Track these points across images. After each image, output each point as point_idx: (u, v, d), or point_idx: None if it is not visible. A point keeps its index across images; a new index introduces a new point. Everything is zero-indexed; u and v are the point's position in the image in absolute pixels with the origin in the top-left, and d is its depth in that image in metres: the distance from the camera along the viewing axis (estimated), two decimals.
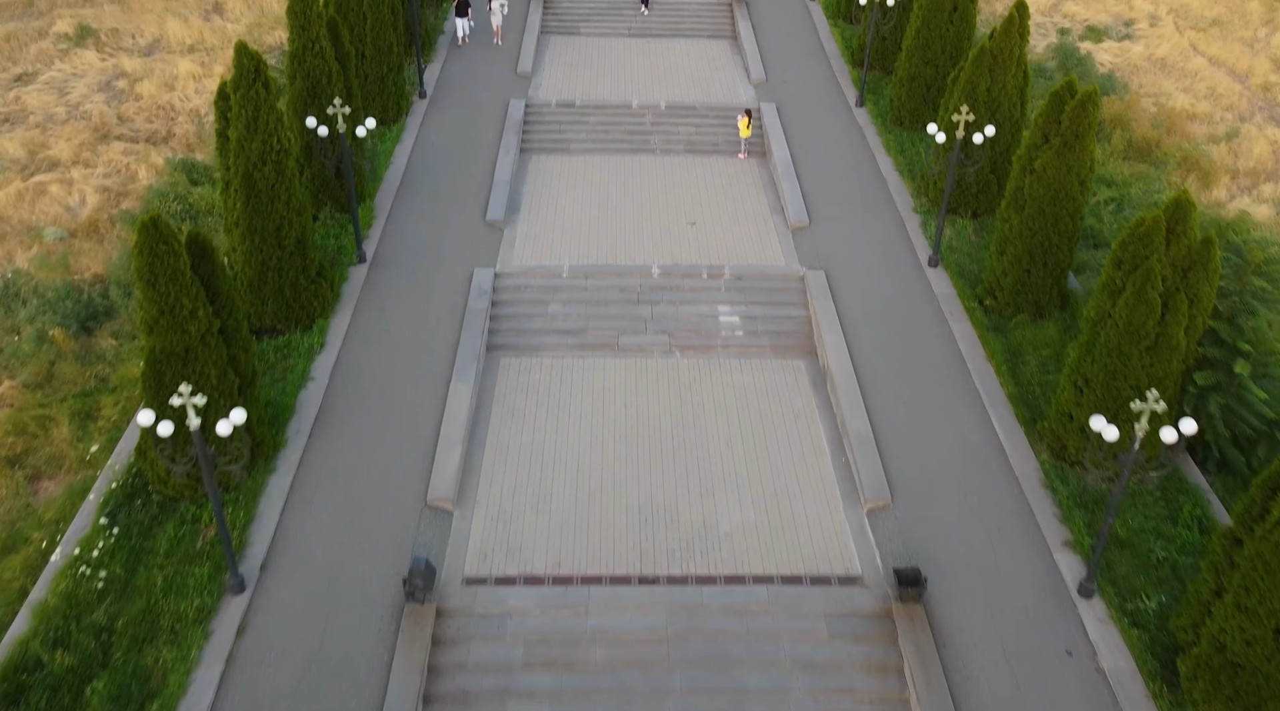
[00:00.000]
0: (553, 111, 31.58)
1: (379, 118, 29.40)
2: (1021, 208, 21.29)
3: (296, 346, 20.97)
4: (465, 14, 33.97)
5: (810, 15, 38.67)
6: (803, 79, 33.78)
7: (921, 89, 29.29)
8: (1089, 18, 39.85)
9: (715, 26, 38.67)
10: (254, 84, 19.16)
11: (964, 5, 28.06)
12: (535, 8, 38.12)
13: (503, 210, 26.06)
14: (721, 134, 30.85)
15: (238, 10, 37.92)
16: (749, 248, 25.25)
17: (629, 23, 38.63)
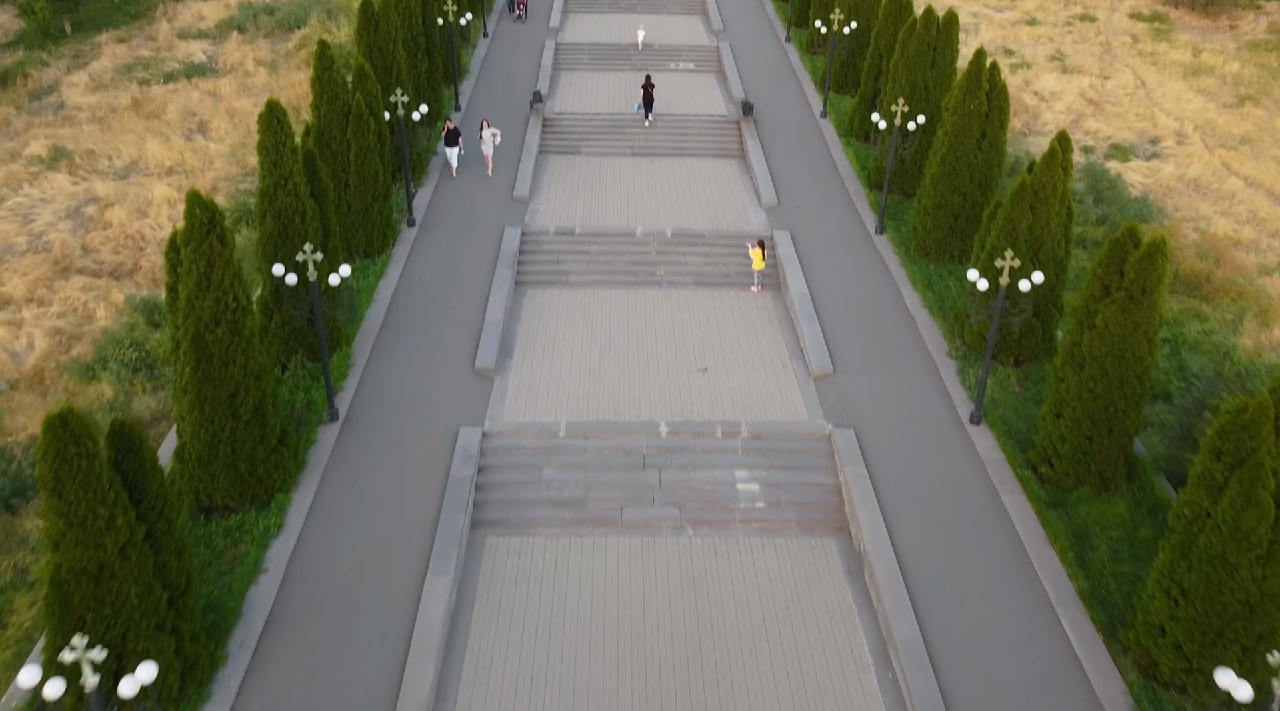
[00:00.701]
0: (551, 240, 29.45)
1: (363, 250, 27.23)
2: (1080, 366, 18.74)
3: (250, 529, 18.15)
4: (455, 143, 31.86)
5: (821, 134, 37.01)
6: (817, 203, 31.78)
7: (948, 218, 27.16)
8: (1112, 135, 38.24)
9: (722, 145, 36.98)
10: (207, 236, 16.82)
11: (992, 132, 26.13)
12: (534, 127, 36.48)
13: (494, 355, 23.56)
14: (732, 264, 28.63)
15: (222, 129, 36.28)
16: (767, 399, 22.64)
17: (632, 141, 36.95)
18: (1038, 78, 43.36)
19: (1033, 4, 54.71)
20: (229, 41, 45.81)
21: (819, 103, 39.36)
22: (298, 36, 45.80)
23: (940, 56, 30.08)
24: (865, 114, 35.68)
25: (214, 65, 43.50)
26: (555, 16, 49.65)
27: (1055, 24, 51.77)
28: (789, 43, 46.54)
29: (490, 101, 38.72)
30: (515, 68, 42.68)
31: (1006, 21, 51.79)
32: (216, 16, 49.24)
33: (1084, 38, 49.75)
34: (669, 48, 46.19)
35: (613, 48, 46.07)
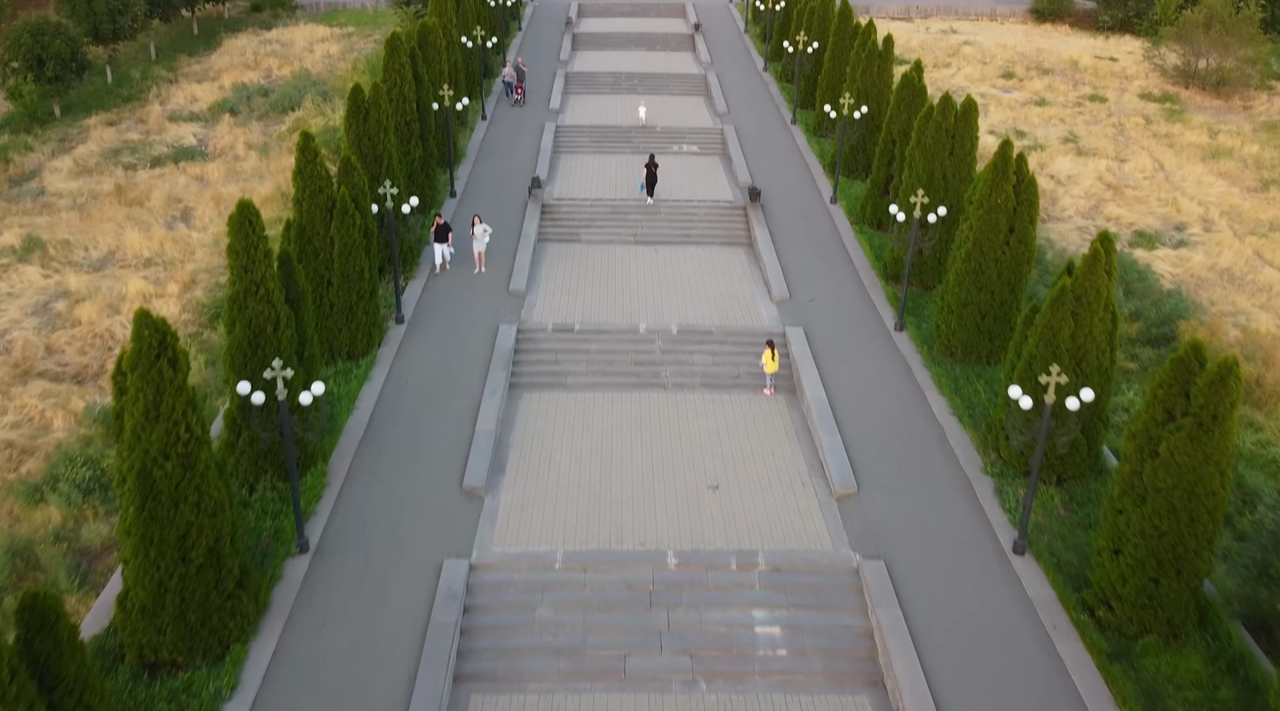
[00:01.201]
0: (548, 337, 27.58)
1: (346, 351, 25.33)
2: (1142, 499, 16.62)
3: (199, 691, 15.82)
4: (445, 239, 30.03)
5: (832, 220, 35.46)
6: (831, 296, 30.00)
7: (975, 317, 25.31)
8: (1135, 221, 36.70)
9: (729, 232, 35.41)
10: (157, 361, 14.89)
11: (1021, 227, 24.43)
12: (532, 214, 34.94)
13: (484, 471, 21.46)
14: (743, 364, 26.69)
15: (206, 217, 34.76)
16: (786, 523, 20.46)
17: (635, 228, 35.39)
18: (1052, 160, 42.07)
19: (1040, 84, 53.91)
20: (220, 124, 44.72)
21: (828, 188, 37.94)
22: (291, 119, 44.72)
23: (959, 144, 28.61)
24: (878, 201, 34.20)
25: (203, 149, 42.28)
26: (556, 98, 48.72)
27: (1065, 104, 50.84)
28: (795, 125, 45.44)
29: (487, 187, 37.31)
30: (514, 151, 41.43)
31: (1015, 102, 50.88)
32: (210, 98, 48.31)
33: (1096, 119, 48.73)
34: (672, 130, 45.06)
35: (614, 130, 44.94)
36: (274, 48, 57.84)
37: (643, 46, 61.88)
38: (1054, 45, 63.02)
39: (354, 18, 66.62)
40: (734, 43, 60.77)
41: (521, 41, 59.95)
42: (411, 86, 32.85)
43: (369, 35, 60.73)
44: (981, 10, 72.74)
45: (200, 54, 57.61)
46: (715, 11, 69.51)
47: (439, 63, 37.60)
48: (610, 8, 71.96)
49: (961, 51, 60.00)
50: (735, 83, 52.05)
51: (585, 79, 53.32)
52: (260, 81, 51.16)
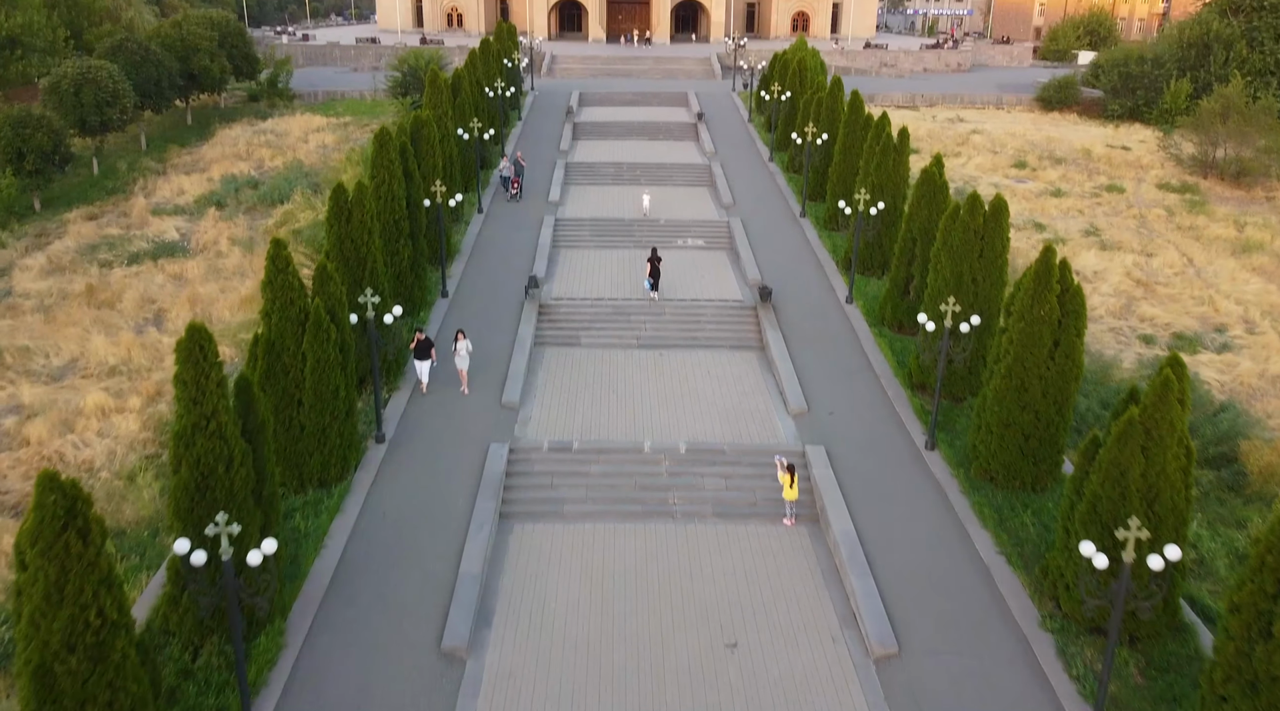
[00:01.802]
0: (544, 458, 24.97)
1: (317, 478, 22.70)
2: (1254, 689, 13.81)
3: None
4: (428, 355, 27.21)
5: (849, 322, 33.20)
6: (853, 408, 27.50)
7: (1017, 440, 22.74)
8: (1171, 321, 34.44)
9: (739, 335, 33.12)
10: (63, 533, 12.29)
11: (1068, 341, 22.05)
12: (529, 317, 32.71)
13: (467, 628, 18.62)
14: (759, 489, 24.00)
15: (180, 320, 32.49)
16: (817, 693, 17.53)
17: (638, 330, 33.12)
18: (1076, 255, 40.08)
19: (1055, 174, 52.43)
20: (205, 218, 42.92)
21: (843, 286, 35.80)
22: (279, 212, 42.95)
23: (989, 246, 26.47)
24: (897, 302, 32.01)
25: (185, 244, 40.34)
26: (555, 189, 47.10)
27: (1082, 195, 49.20)
28: (804, 218, 43.64)
29: (481, 286, 35.17)
30: (511, 246, 39.49)
31: (1030, 193, 49.25)
32: (197, 191, 46.67)
33: (1115, 210, 47.00)
34: (676, 223, 43.25)
35: (616, 223, 43.13)
36: (268, 138, 56.63)
37: (645, 136, 60.79)
38: (1064, 134, 61.93)
39: (352, 107, 65.80)
40: (738, 132, 59.65)
41: (521, 132, 58.83)
42: (401, 183, 30.94)
43: (366, 125, 59.65)
44: (987, 99, 72.11)
45: (192, 144, 56.37)
46: (718, 100, 68.81)
47: (432, 157, 35.89)
48: (611, 97, 71.38)
49: (971, 140, 58.82)
50: (741, 173, 50.56)
51: (586, 169, 51.91)
52: (251, 173, 49.66)
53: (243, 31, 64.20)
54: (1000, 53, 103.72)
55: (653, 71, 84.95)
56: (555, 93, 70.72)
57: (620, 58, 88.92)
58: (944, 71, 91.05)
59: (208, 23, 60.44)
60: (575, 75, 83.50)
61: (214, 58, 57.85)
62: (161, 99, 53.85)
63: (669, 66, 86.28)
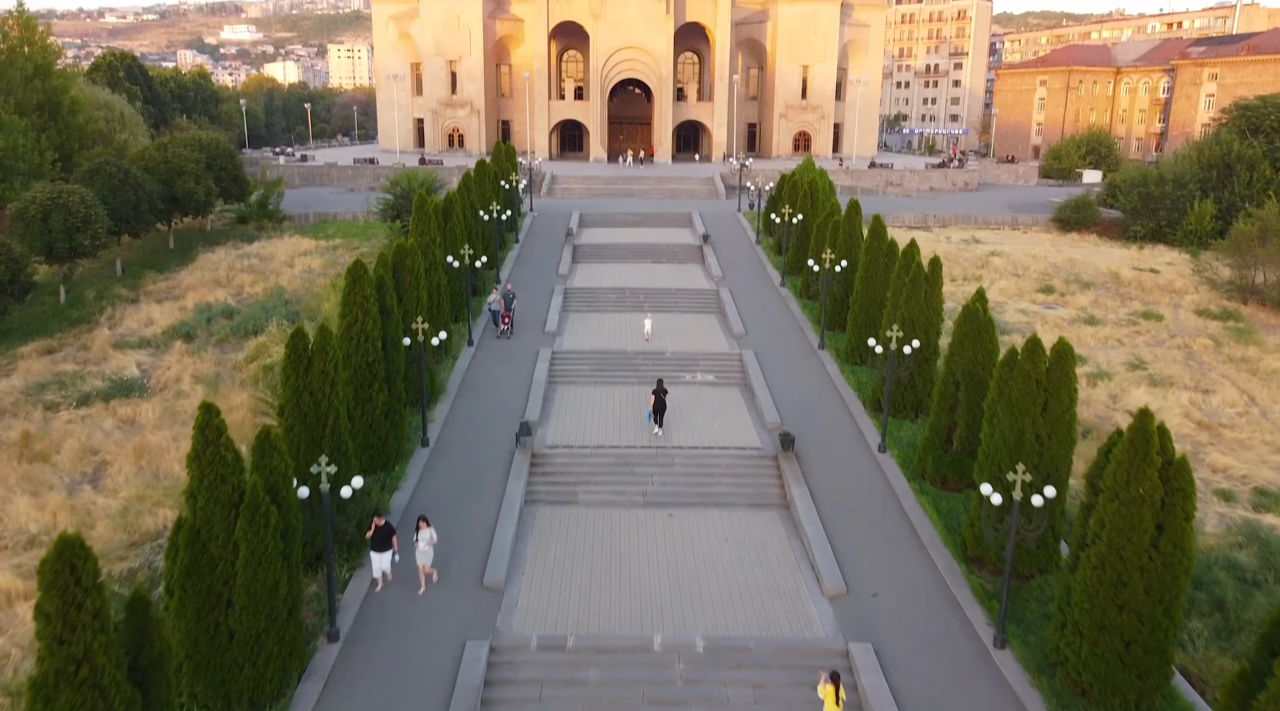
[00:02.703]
0: (531, 660, 20.55)
1: (249, 697, 18.27)
2: None
3: None
4: (388, 546, 22.51)
5: (884, 475, 29.15)
6: (900, 589, 23.19)
7: (1116, 646, 18.43)
8: (1248, 473, 30.42)
9: (759, 490, 29.04)
10: None
11: (1174, 526, 17.98)
12: (519, 472, 28.69)
13: None
14: (796, 701, 19.51)
15: (122, 475, 28.49)
16: None
17: (644, 484, 29.07)
18: (1124, 392, 36.37)
19: (1085, 299, 49.29)
20: (171, 351, 39.39)
21: (873, 431, 31.94)
22: (252, 345, 39.47)
23: (1055, 399, 22.68)
24: (939, 453, 28.08)
25: (145, 382, 36.68)
26: (553, 318, 43.81)
27: (1118, 323, 45.87)
28: (823, 350, 40.12)
29: (467, 434, 31.29)
30: (502, 383, 35.83)
31: (1062, 320, 45.93)
32: (167, 320, 43.36)
33: (1157, 339, 43.56)
34: (684, 355, 39.72)
35: (618, 356, 39.61)
36: (251, 262, 53.83)
37: (648, 258, 58.09)
38: (1086, 256, 59.21)
39: (343, 229, 63.39)
40: (746, 255, 56.93)
41: (518, 255, 56.08)
42: (376, 322, 27.42)
43: (356, 248, 56.98)
44: (1002, 220, 69.92)
45: (171, 269, 53.51)
46: (724, 221, 66.52)
47: (416, 289, 32.58)
48: (613, 217, 69.21)
49: (991, 263, 56.00)
50: (751, 299, 47.42)
51: (586, 295, 48.84)
52: (228, 301, 46.50)
53: (232, 153, 62.36)
54: (1006, 172, 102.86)
55: (655, 191, 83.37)
56: (555, 213, 68.57)
57: (622, 177, 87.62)
58: (951, 191, 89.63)
59: (195, 145, 58.53)
60: (576, 195, 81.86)
61: (199, 180, 55.59)
62: (140, 223, 51.24)
63: (672, 186, 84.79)
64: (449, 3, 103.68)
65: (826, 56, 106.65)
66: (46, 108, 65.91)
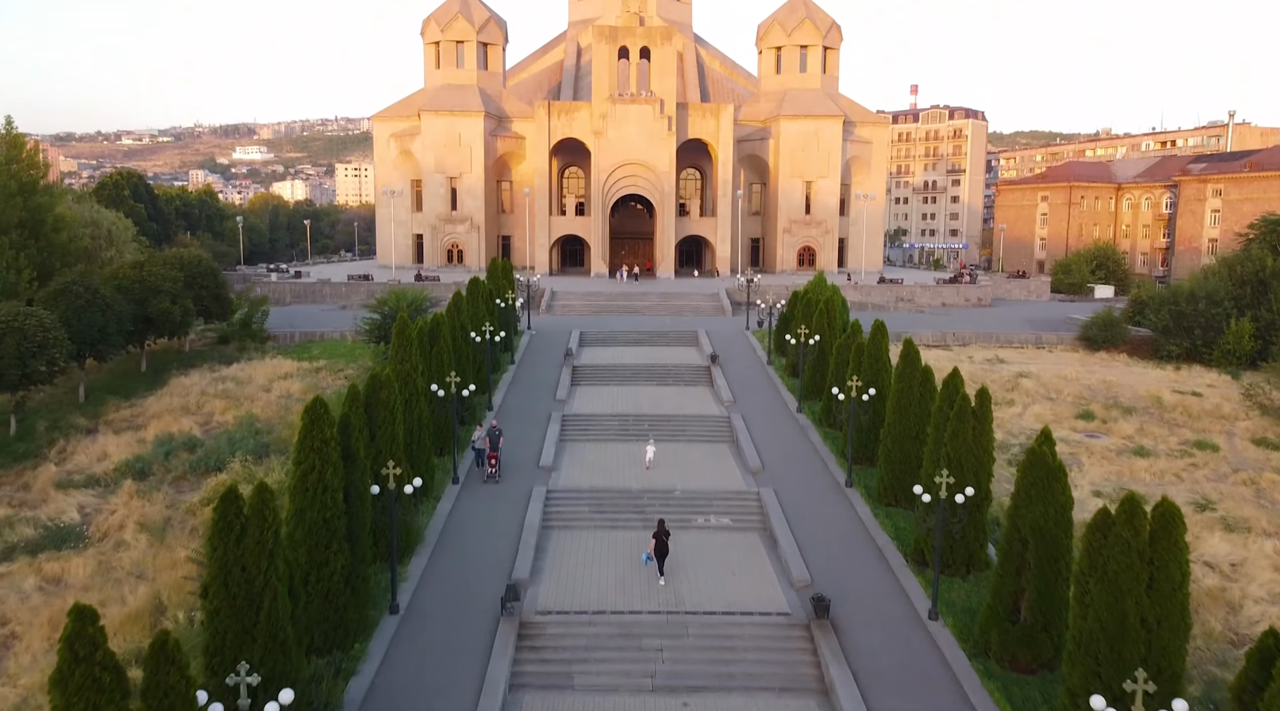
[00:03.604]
0: None
1: None
2: None
3: None
4: None
5: (938, 650, 24.40)
6: None
7: None
8: None
9: (790, 670, 24.33)
10: None
11: None
12: (503, 648, 24.04)
13: None
14: None
15: (31, 654, 23.83)
16: None
17: (652, 662, 24.43)
18: (1199, 539, 31.85)
19: (1130, 427, 45.20)
20: (120, 492, 35.10)
21: (919, 592, 27.35)
22: (211, 484, 35.21)
23: (1163, 575, 18.36)
24: (1005, 626, 23.47)
25: (84, 529, 32.29)
26: (549, 450, 39.69)
27: (1170, 454, 41.66)
28: (851, 488, 35.79)
29: (444, 598, 26.69)
30: (489, 530, 31.42)
31: (1109, 451, 41.72)
32: (122, 454, 39.19)
33: (1217, 473, 39.27)
34: (695, 494, 35.41)
35: (621, 495, 35.33)
36: (226, 386, 50.01)
37: (652, 380, 54.30)
38: (1120, 377, 55.39)
39: (329, 349, 59.84)
40: (757, 377, 53.15)
41: (513, 377, 52.30)
42: (338, 470, 23.26)
43: (340, 370, 53.28)
44: (1025, 338, 66.49)
45: (139, 395, 49.66)
46: (731, 340, 63.07)
47: (391, 425, 28.54)
48: (615, 336, 65.85)
49: (1020, 385, 52.15)
50: (766, 428, 43.34)
51: (586, 423, 44.82)
52: (193, 431, 42.45)
53: (215, 271, 59.41)
54: (1017, 287, 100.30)
55: (658, 307, 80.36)
56: (554, 331, 65.25)
57: (624, 293, 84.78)
58: (965, 306, 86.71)
59: (174, 263, 55.55)
60: (576, 312, 78.83)
61: (177, 300, 52.33)
62: (107, 346, 47.69)
63: (676, 302, 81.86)
64: (451, 121, 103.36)
65: (830, 172, 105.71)
66: (28, 225, 63.45)
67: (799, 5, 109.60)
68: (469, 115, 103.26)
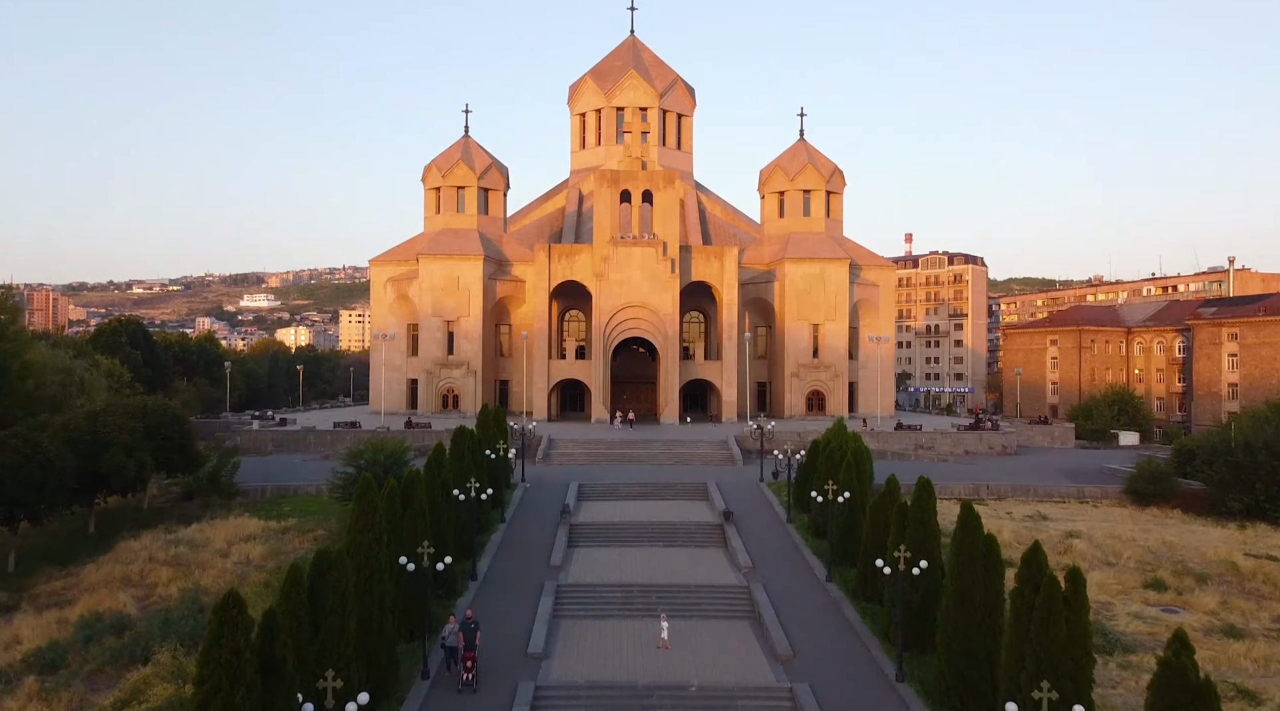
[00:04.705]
0: None
1: None
2: None
3: None
4: None
5: None
6: None
7: None
8: None
9: None
10: None
11: None
12: None
13: None
14: None
15: None
16: None
17: None
18: None
19: (1209, 599, 39.32)
20: (20, 691, 29.00)
21: None
22: (130, 681, 29.15)
23: None
24: None
25: None
26: (539, 632, 33.75)
27: (1268, 635, 35.71)
28: (902, 683, 29.70)
29: None
30: None
31: (1194, 631, 35.64)
32: (38, 640, 33.25)
33: None
34: (714, 692, 29.50)
35: (626, 693, 29.36)
36: (179, 551, 44.29)
37: (659, 540, 48.59)
38: (1180, 537, 49.62)
39: (302, 506, 54.28)
40: (777, 537, 47.46)
41: (502, 539, 46.62)
42: (253, 691, 17.67)
43: (310, 532, 47.61)
44: (1066, 491, 60.96)
45: (78, 562, 43.90)
46: (744, 493, 57.58)
47: (340, 617, 23.00)
48: (616, 489, 60.39)
49: (1073, 548, 46.35)
50: (792, 601, 37.50)
51: (584, 595, 39.00)
52: (129, 607, 36.61)
53: (180, 421, 54.60)
54: (1040, 433, 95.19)
55: (663, 456, 75.14)
56: (550, 483, 59.91)
57: (626, 441, 79.69)
58: (989, 454, 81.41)
59: (134, 412, 50.84)
60: (575, 461, 73.59)
61: (133, 452, 47.39)
62: (45, 506, 42.39)
63: (681, 450, 76.72)
64: (449, 264, 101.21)
65: (838, 315, 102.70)
66: None
67: (800, 150, 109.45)
68: (468, 259, 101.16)
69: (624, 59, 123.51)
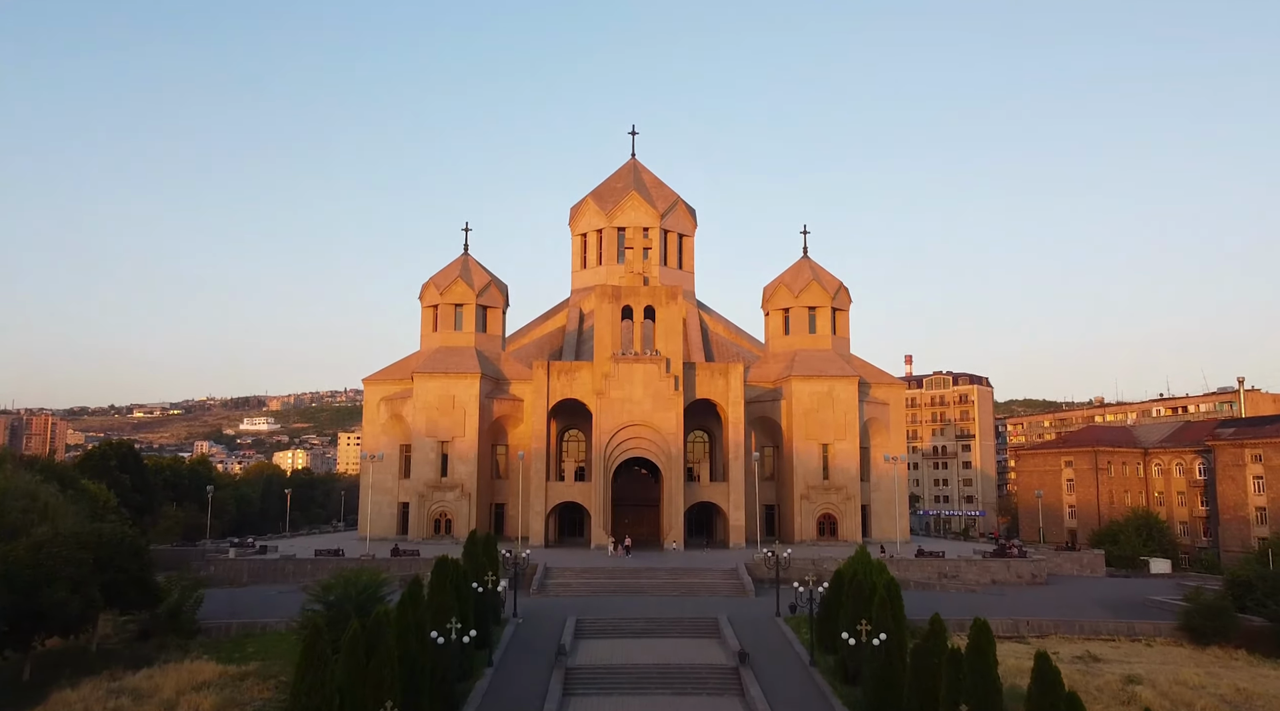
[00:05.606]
0: None
1: None
2: None
3: None
4: None
5: None
6: None
7: None
8: None
9: None
10: None
11: None
12: None
13: None
14: None
15: None
16: None
17: None
18: None
19: None
20: None
21: None
22: None
23: None
24: None
25: None
26: None
27: None
28: None
29: None
30: None
31: None
32: None
33: None
34: None
35: None
36: (119, 703, 38.83)
37: (667, 687, 43.11)
38: (1255, 684, 43.95)
39: (266, 646, 48.76)
40: (801, 686, 41.93)
41: (487, 689, 41.10)
42: None
43: (272, 677, 42.13)
44: (1115, 628, 55.37)
45: None
46: (759, 628, 52.10)
47: None
48: (618, 624, 54.87)
49: (1137, 696, 40.77)
50: None
51: None
52: None
53: (138, 552, 49.66)
54: (1068, 561, 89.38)
55: (669, 586, 69.53)
56: (545, 619, 54.44)
57: (628, 569, 74.15)
58: (1018, 584, 75.72)
59: (85, 542, 46.09)
60: (573, 592, 67.99)
61: (79, 587, 42.51)
62: None
63: (689, 579, 71.14)
64: (445, 383, 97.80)
65: (848, 435, 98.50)
66: None
67: (804, 267, 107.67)
68: (464, 376, 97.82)
69: (625, 180, 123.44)
